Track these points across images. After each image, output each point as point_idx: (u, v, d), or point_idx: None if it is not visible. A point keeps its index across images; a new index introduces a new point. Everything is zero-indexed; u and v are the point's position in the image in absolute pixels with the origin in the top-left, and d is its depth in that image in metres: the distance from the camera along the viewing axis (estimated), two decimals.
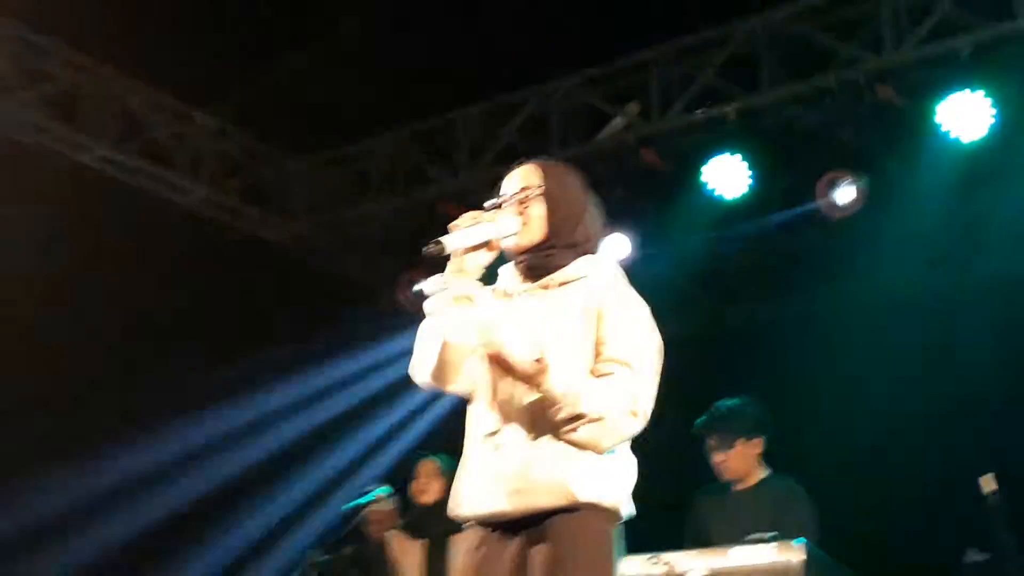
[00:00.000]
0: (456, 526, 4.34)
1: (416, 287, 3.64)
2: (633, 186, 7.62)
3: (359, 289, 8.72)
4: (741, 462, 5.84)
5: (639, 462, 3.52)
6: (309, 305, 8.49)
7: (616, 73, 7.73)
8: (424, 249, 3.46)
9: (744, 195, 7.56)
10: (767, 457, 5.88)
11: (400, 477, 6.85)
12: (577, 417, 3.32)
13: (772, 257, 8.39)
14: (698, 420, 5.98)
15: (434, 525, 6.27)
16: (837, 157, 7.27)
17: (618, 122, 7.54)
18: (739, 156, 7.41)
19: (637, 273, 3.73)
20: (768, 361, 7.56)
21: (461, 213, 7.44)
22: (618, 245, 7.57)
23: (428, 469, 6.56)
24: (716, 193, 7.53)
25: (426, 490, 6.51)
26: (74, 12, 7.07)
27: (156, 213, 8.12)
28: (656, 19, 7.34)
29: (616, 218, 6.62)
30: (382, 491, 6.45)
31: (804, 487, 5.79)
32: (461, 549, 3.62)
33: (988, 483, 5.41)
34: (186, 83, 8.01)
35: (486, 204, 3.60)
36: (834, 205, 7.36)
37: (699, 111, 7.44)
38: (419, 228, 7.88)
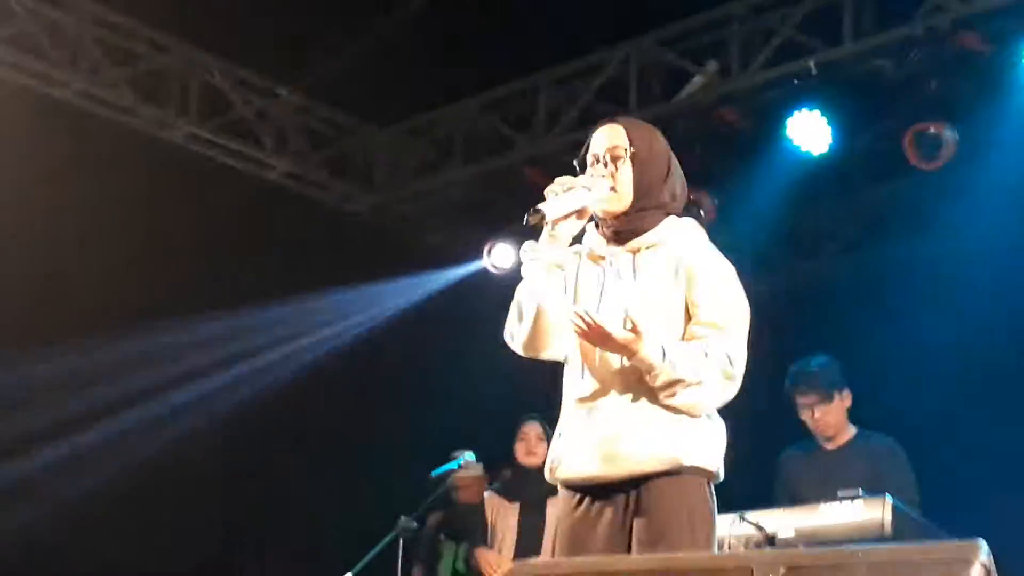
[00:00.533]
0: (555, 489, 4.34)
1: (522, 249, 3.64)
2: (714, 145, 7.51)
3: (445, 257, 8.67)
4: (838, 416, 5.81)
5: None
6: (395, 274, 8.45)
7: (693, 30, 7.65)
8: (526, 218, 3.47)
9: (827, 151, 7.38)
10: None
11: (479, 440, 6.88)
12: (675, 382, 3.34)
13: (857, 212, 8.26)
14: (790, 378, 5.92)
15: (534, 488, 6.24)
16: (922, 108, 7.01)
17: (697, 80, 7.44)
18: (819, 111, 7.19)
19: (718, 231, 3.76)
20: (849, 318, 7.50)
21: (542, 178, 7.37)
22: (701, 204, 7.28)
23: (537, 431, 6.58)
24: (800, 149, 7.34)
25: (535, 452, 6.50)
26: None
27: (243, 188, 8.22)
28: None
29: (697, 177, 6.75)
30: (468, 456, 6.45)
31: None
32: (557, 513, 3.68)
33: None
34: (267, 59, 8.08)
35: (577, 166, 3.60)
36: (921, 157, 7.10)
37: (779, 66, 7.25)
38: (501, 195, 8.16)
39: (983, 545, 2.07)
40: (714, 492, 3.53)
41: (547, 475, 3.66)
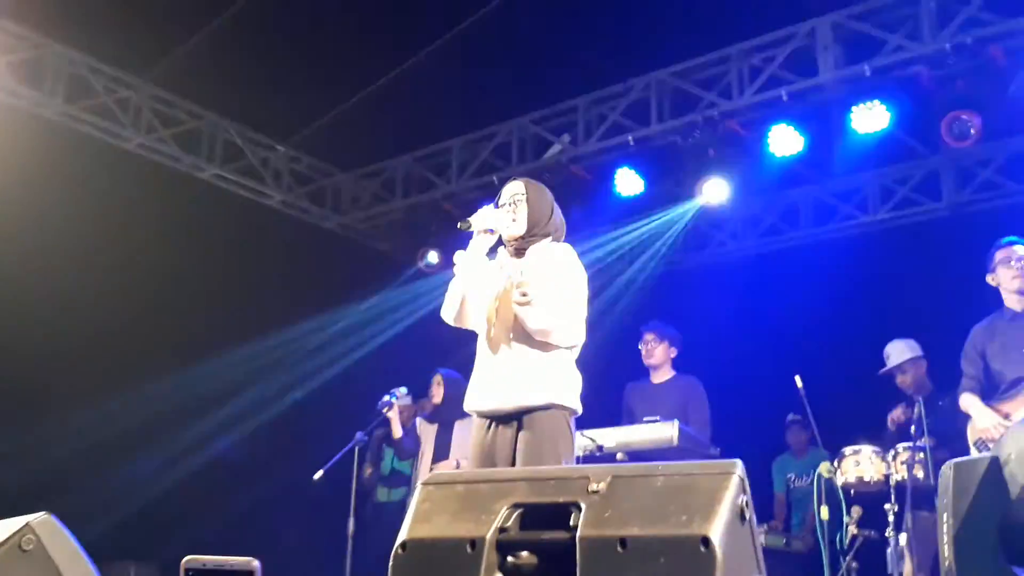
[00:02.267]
0: (456, 416, 4.64)
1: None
2: (567, 190, 7.29)
3: (389, 260, 8.73)
4: (662, 359, 5.99)
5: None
6: (353, 272, 8.50)
7: (553, 114, 7.66)
8: (459, 224, 3.81)
9: (640, 194, 7.46)
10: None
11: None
12: (544, 330, 3.59)
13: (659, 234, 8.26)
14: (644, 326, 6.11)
15: (441, 415, 6.47)
16: (702, 169, 7.07)
17: (555, 148, 7.54)
18: (634, 170, 7.33)
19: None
20: (656, 305, 7.42)
21: (454, 209, 7.93)
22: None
23: (436, 380, 6.60)
24: (622, 194, 7.44)
25: (436, 394, 6.56)
26: (193, 71, 7.16)
27: (250, 212, 8.26)
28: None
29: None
30: (402, 390, 6.59)
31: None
32: (474, 434, 3.77)
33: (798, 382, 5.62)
34: (268, 122, 8.08)
35: (495, 206, 3.87)
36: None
37: (609, 139, 7.31)
38: (428, 219, 8.25)
39: (740, 463, 2.03)
40: (573, 423, 3.69)
41: (466, 407, 3.79)
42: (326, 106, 7.73)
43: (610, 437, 5.37)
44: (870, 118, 6.49)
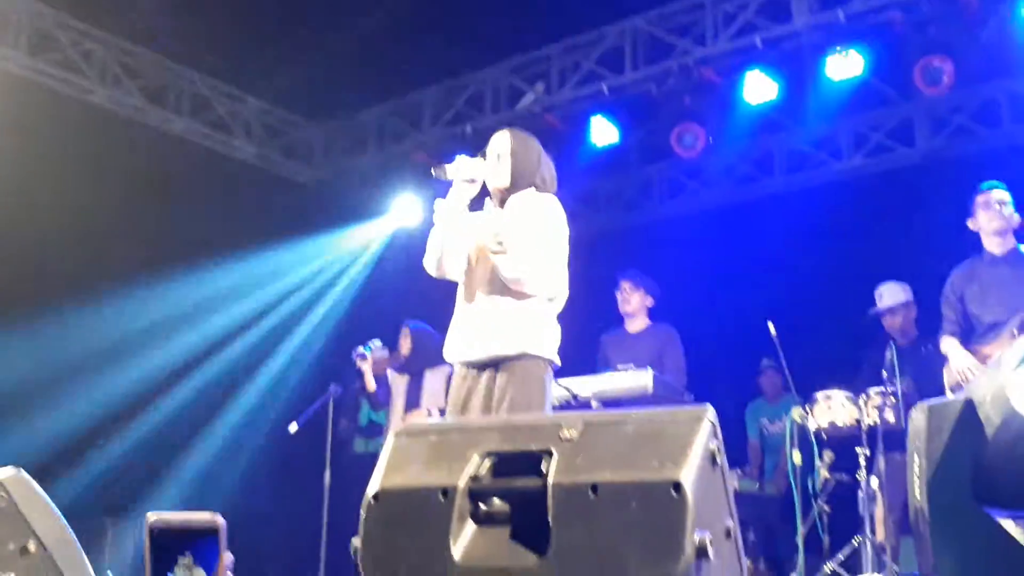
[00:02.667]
0: (425, 365, 4.62)
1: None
2: (541, 140, 7.45)
3: (361, 211, 8.54)
4: (637, 307, 5.95)
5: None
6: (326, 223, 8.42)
7: (526, 63, 7.62)
8: (432, 170, 3.78)
9: (615, 143, 7.41)
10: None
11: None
12: (516, 279, 3.59)
13: (632, 182, 8.47)
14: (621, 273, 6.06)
15: (411, 366, 6.45)
16: (677, 116, 7.12)
17: (529, 96, 7.49)
18: (608, 118, 7.28)
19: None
20: (631, 252, 7.50)
21: (427, 159, 7.91)
22: None
23: (403, 332, 6.57)
24: (597, 144, 7.36)
25: (403, 346, 6.55)
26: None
27: (220, 165, 8.19)
28: None
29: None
30: (376, 342, 6.59)
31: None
32: (453, 383, 3.77)
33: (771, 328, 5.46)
34: (240, 73, 8.01)
35: (478, 156, 3.78)
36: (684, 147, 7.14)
37: (584, 87, 7.26)
38: (401, 171, 8.22)
39: (711, 408, 2.01)
40: (550, 373, 3.67)
41: (444, 355, 3.79)
42: (297, 57, 7.58)
43: (585, 386, 5.33)
44: (844, 65, 6.46)
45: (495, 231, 3.65)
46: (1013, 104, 6.98)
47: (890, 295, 5.88)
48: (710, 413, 2.02)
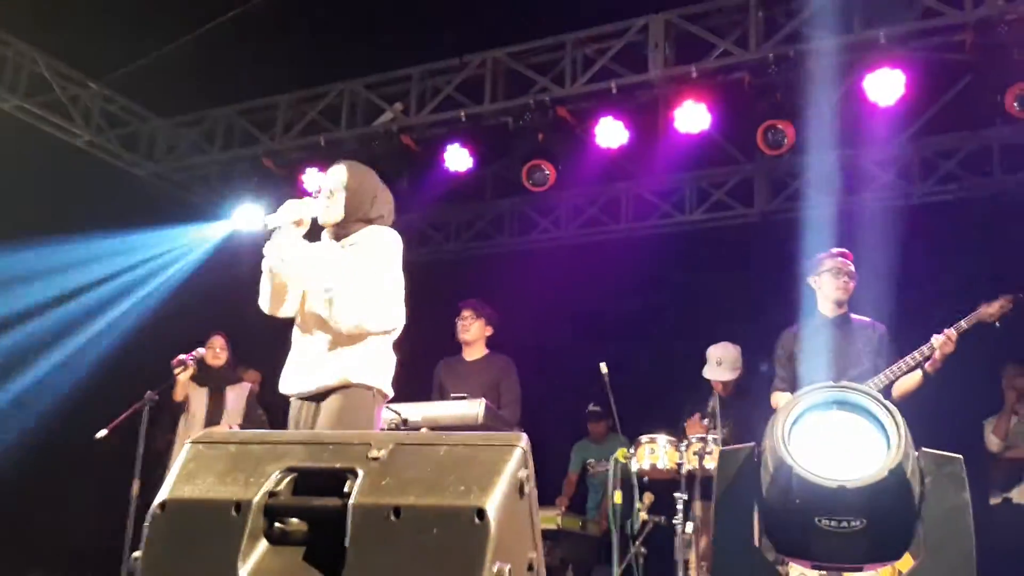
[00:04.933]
0: (229, 381, 4.35)
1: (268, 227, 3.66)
2: (395, 160, 7.30)
3: (200, 213, 8.29)
4: (477, 336, 5.91)
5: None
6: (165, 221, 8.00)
7: (387, 81, 7.55)
8: (263, 223, 3.67)
9: (470, 170, 7.43)
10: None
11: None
12: (350, 318, 3.52)
13: (484, 213, 8.45)
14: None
15: (213, 379, 6.32)
16: (529, 151, 7.08)
17: (387, 115, 7.42)
18: (463, 146, 7.25)
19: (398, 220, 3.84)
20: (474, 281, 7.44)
21: (275, 167, 7.64)
22: None
23: (219, 342, 6.48)
24: (450, 169, 7.32)
25: (220, 356, 6.47)
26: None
27: (54, 151, 7.81)
28: None
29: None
30: (200, 351, 6.29)
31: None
32: (290, 415, 3.70)
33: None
34: (83, 56, 7.63)
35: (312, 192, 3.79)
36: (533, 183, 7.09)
37: (441, 112, 7.34)
38: (246, 175, 7.98)
39: (524, 436, 2.00)
40: (379, 403, 3.59)
41: (280, 387, 3.72)
42: (148, 48, 7.36)
43: (416, 412, 5.23)
44: (692, 119, 6.65)
45: (325, 287, 3.55)
46: (850, 172, 7.31)
47: (728, 366, 5.88)
48: (523, 441, 1.98)
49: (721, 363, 5.91)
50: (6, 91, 7.45)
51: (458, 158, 7.41)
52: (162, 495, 2.01)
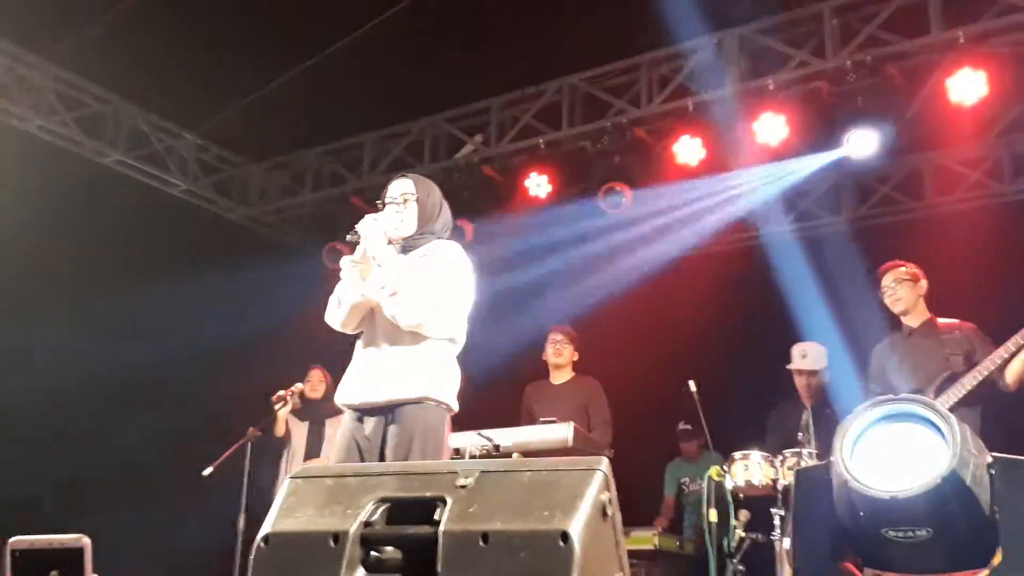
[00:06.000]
0: (328, 414, 4.42)
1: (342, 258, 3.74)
2: (479, 190, 7.52)
3: (295, 254, 8.42)
4: (567, 359, 5.91)
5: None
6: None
7: (466, 114, 7.69)
8: (347, 236, 3.69)
9: (550, 198, 7.50)
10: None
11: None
12: (409, 313, 3.53)
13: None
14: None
15: (313, 413, 6.39)
16: (608, 174, 7.13)
17: (468, 148, 7.55)
18: (544, 174, 7.34)
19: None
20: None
21: (364, 204, 7.77)
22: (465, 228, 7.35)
23: (318, 375, 6.56)
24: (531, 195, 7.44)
25: (317, 388, 6.55)
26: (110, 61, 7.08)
27: (153, 200, 8.08)
28: None
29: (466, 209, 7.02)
30: (298, 386, 6.40)
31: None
32: (343, 428, 3.66)
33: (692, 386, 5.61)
34: (176, 109, 7.92)
35: (380, 204, 3.74)
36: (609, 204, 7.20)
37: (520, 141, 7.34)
38: (337, 214, 7.97)
39: (605, 460, 2.03)
40: (447, 419, 3.57)
41: (336, 399, 3.68)
42: (237, 95, 7.60)
43: (506, 437, 5.15)
44: (772, 130, 6.62)
45: (383, 283, 3.59)
46: (935, 174, 7.14)
47: (813, 358, 5.89)
48: (604, 465, 2.03)
49: (806, 356, 5.86)
50: (107, 146, 7.74)
51: (538, 184, 7.48)
52: (265, 529, 2.11)
